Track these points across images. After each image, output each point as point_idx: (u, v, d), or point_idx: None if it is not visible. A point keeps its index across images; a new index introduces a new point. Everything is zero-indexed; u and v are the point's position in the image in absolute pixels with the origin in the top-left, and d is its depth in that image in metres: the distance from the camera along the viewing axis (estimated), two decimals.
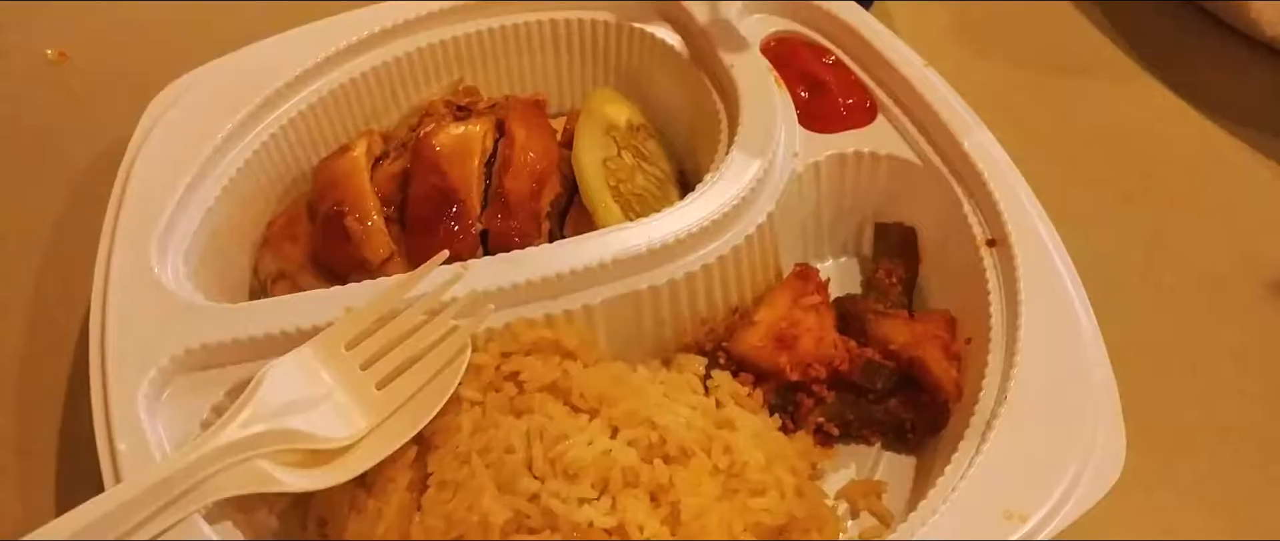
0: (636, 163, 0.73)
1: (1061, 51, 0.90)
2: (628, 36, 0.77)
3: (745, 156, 0.67)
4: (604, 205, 0.69)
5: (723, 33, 0.73)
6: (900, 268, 0.71)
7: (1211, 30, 0.91)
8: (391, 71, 0.75)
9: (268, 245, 0.70)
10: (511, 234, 0.67)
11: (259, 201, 0.72)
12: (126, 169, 0.68)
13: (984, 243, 0.65)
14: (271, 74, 0.71)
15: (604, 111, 0.74)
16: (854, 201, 0.72)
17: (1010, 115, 0.72)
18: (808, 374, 0.63)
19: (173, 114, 0.70)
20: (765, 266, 0.68)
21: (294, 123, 0.72)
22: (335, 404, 0.57)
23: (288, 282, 0.68)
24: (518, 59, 0.79)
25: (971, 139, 0.67)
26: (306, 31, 0.74)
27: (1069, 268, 0.63)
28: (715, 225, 0.64)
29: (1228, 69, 0.88)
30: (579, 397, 0.58)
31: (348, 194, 0.68)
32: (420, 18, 0.75)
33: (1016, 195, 0.65)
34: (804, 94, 0.72)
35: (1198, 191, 0.80)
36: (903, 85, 0.71)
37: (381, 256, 0.67)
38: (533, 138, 0.72)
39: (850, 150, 0.70)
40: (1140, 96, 0.86)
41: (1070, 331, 0.60)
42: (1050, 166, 0.72)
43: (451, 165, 0.69)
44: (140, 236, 0.64)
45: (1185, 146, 0.83)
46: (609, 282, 0.63)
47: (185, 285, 0.64)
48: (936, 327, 0.65)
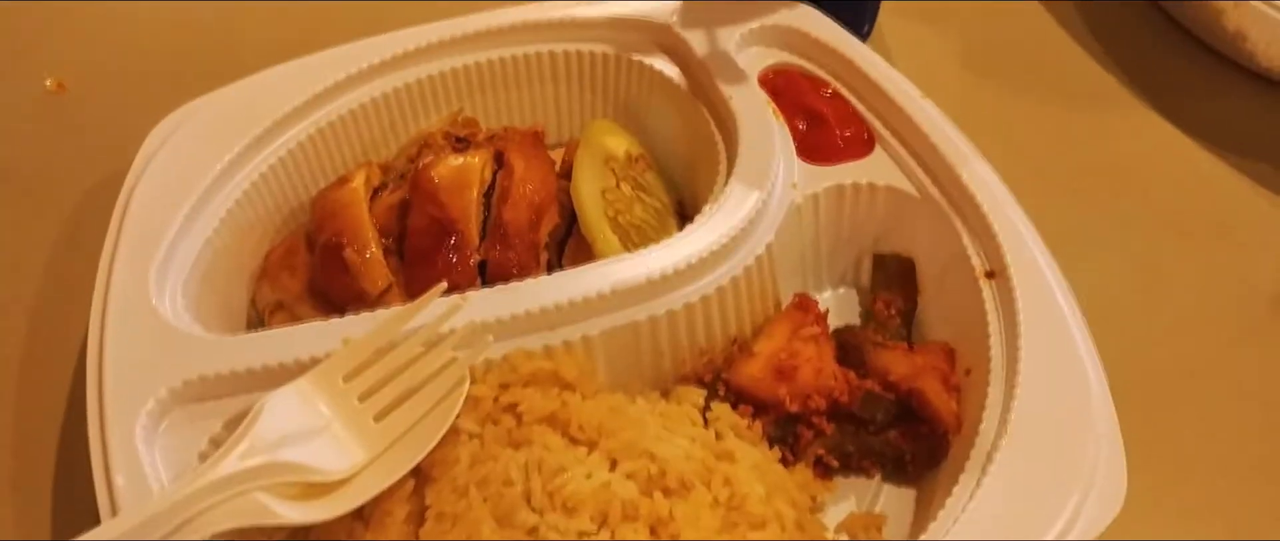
0: (635, 194, 0.73)
1: (1058, 82, 0.90)
2: (626, 68, 0.78)
3: (744, 187, 0.67)
4: (603, 236, 0.69)
5: (721, 65, 0.74)
6: (899, 299, 0.71)
7: (1207, 60, 0.91)
8: (390, 103, 0.75)
9: (266, 276, 0.70)
10: (510, 265, 0.67)
11: (257, 232, 0.72)
12: (124, 199, 0.68)
13: (983, 274, 0.65)
14: (270, 105, 0.72)
15: (602, 142, 0.74)
16: (852, 232, 0.72)
17: (1008, 146, 0.72)
18: (807, 405, 0.63)
19: (171, 145, 0.70)
20: (764, 297, 0.68)
21: (293, 154, 0.72)
22: (333, 436, 0.57)
23: (286, 313, 0.68)
24: (516, 90, 0.79)
25: (969, 170, 0.68)
26: (305, 63, 0.74)
27: (1068, 298, 0.63)
28: (714, 256, 0.64)
29: (1223, 98, 0.89)
30: (578, 429, 0.58)
31: (346, 225, 0.68)
32: (419, 49, 0.75)
33: (1015, 226, 0.65)
34: (802, 126, 0.72)
35: (1195, 220, 0.80)
36: (900, 117, 0.71)
37: (379, 287, 0.67)
38: (531, 169, 0.72)
39: (848, 182, 0.70)
40: (1137, 126, 0.87)
41: (1070, 362, 0.60)
42: (1048, 197, 0.72)
43: (450, 196, 0.69)
44: (138, 267, 0.64)
45: (1182, 175, 0.83)
46: (608, 314, 0.62)
47: (183, 316, 0.63)
48: (936, 359, 0.65)
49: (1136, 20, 0.95)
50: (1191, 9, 0.91)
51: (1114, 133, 0.86)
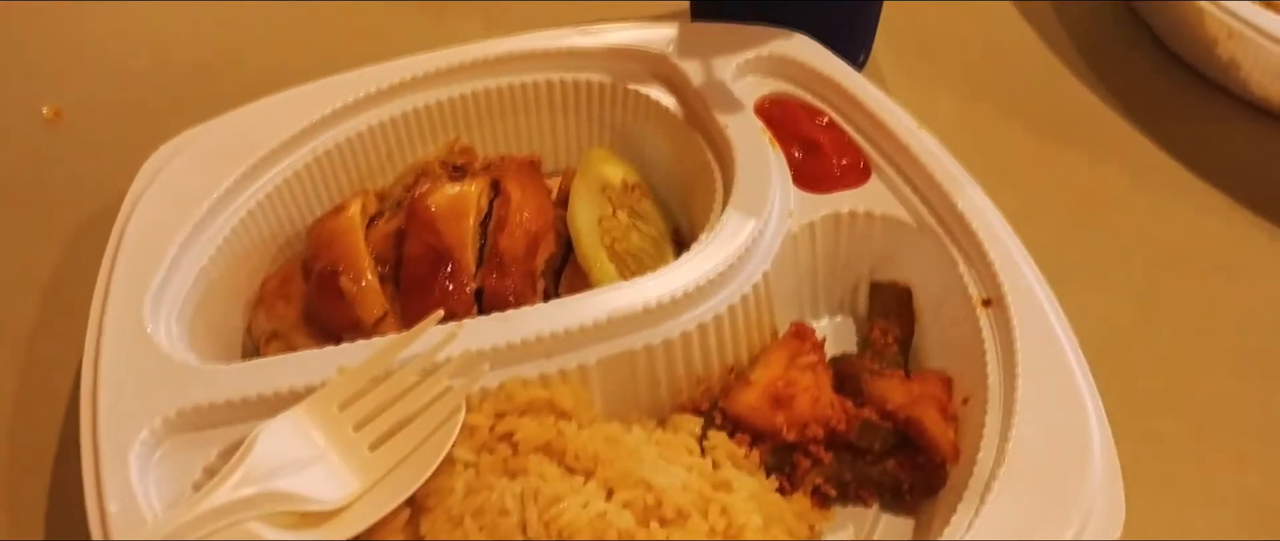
0: (632, 222, 0.73)
1: (1053, 111, 0.91)
2: (623, 97, 0.78)
3: (740, 216, 0.67)
4: (599, 264, 0.69)
5: (717, 94, 0.74)
6: (896, 327, 0.71)
7: (1202, 90, 0.91)
8: (387, 131, 0.76)
9: (261, 304, 0.70)
10: (506, 293, 0.67)
11: (253, 260, 0.72)
12: (120, 227, 0.68)
13: (979, 302, 0.65)
14: (267, 134, 0.72)
15: (599, 171, 0.75)
16: (849, 261, 0.72)
17: (1004, 175, 0.72)
18: (805, 434, 0.63)
19: (167, 173, 0.70)
20: (761, 325, 0.68)
21: (289, 182, 0.72)
22: (328, 465, 0.57)
23: (281, 342, 0.68)
24: (513, 119, 0.79)
25: (965, 199, 0.68)
26: (302, 92, 0.74)
27: (1065, 327, 0.63)
28: (711, 284, 0.64)
29: (1218, 128, 0.89)
30: (574, 458, 0.58)
31: (342, 253, 0.68)
32: (416, 78, 0.75)
33: (1011, 255, 0.65)
34: (798, 154, 0.72)
35: (1191, 249, 0.80)
36: (896, 146, 0.71)
37: (375, 316, 0.66)
38: (528, 197, 0.72)
39: (845, 210, 0.70)
40: (1133, 156, 0.87)
41: (1068, 391, 0.60)
42: (1044, 225, 0.72)
43: (446, 224, 0.69)
44: (133, 296, 0.64)
45: (1178, 205, 0.83)
46: (604, 342, 0.62)
47: (178, 345, 0.63)
48: (933, 388, 0.65)
49: (1132, 50, 0.95)
50: (1186, 39, 0.91)
51: (1110, 162, 0.86)
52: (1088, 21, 0.98)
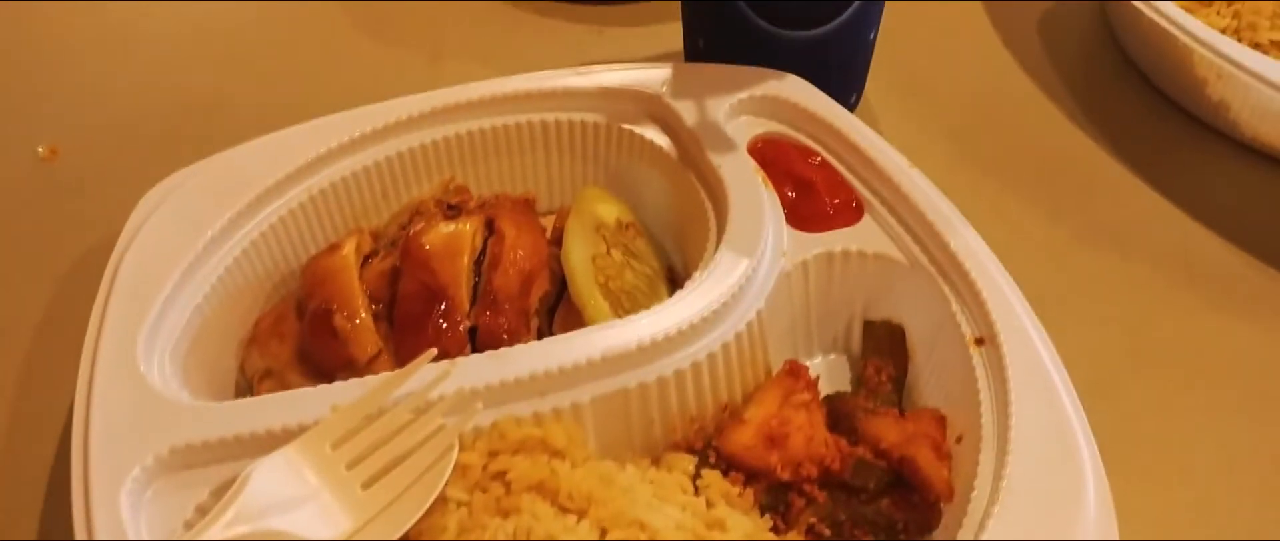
0: (626, 260, 0.73)
1: (1044, 150, 0.91)
2: (617, 137, 0.78)
3: (734, 255, 0.67)
4: (593, 302, 0.69)
5: (710, 134, 0.74)
6: (889, 365, 0.71)
7: (1192, 129, 0.92)
8: (382, 170, 0.76)
9: (255, 343, 0.70)
10: (500, 331, 0.67)
11: (247, 299, 0.72)
12: (114, 266, 0.68)
13: (972, 341, 0.65)
14: (262, 172, 0.72)
15: (593, 209, 0.75)
16: (842, 299, 0.72)
17: (995, 213, 0.73)
18: (799, 473, 0.63)
19: (162, 211, 0.70)
20: (755, 364, 0.68)
21: (283, 220, 0.73)
22: (320, 504, 0.56)
23: (274, 380, 0.68)
24: (508, 158, 0.79)
25: (957, 237, 0.68)
26: (297, 131, 0.75)
27: (1058, 366, 0.63)
28: (704, 322, 0.64)
29: (1208, 167, 0.89)
30: (567, 498, 0.58)
31: (336, 291, 0.68)
32: (412, 118, 0.76)
33: (1003, 293, 0.65)
34: (791, 194, 0.73)
35: (1182, 288, 0.80)
36: (888, 185, 0.72)
37: (368, 354, 0.66)
38: (522, 235, 0.72)
39: (838, 249, 0.71)
40: (1124, 195, 0.87)
41: (1061, 430, 0.60)
42: (1036, 264, 0.72)
43: (441, 263, 0.69)
44: (127, 334, 0.64)
45: (1168, 243, 0.83)
46: (598, 380, 0.62)
47: (171, 383, 0.63)
48: (927, 426, 0.65)
49: (1122, 89, 0.96)
50: (1176, 80, 0.92)
51: (1100, 201, 0.87)
52: (1078, 61, 0.99)
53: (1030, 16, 1.03)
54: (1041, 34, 1.02)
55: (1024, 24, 1.02)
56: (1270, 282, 0.81)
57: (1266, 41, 0.88)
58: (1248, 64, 0.82)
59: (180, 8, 1.06)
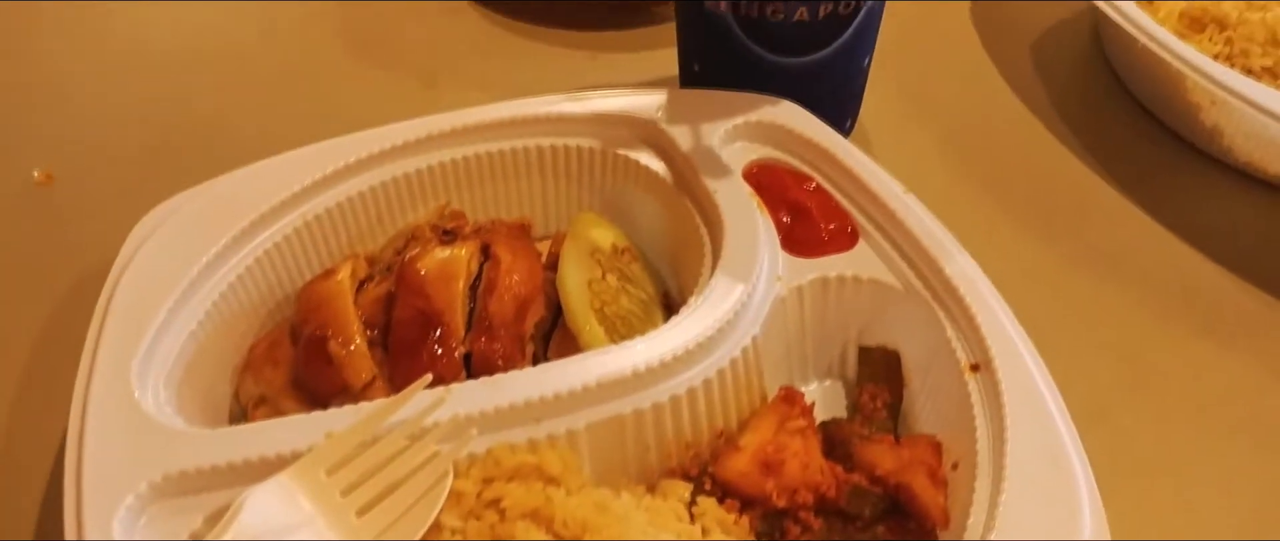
0: (621, 285, 0.73)
1: (1038, 176, 0.91)
2: (612, 162, 0.78)
3: (729, 280, 0.67)
4: (588, 327, 0.69)
5: (706, 159, 0.74)
6: (885, 391, 0.71)
7: (1187, 155, 0.92)
8: (377, 196, 0.76)
9: (249, 369, 0.70)
10: (495, 357, 0.67)
11: (242, 325, 0.72)
12: (109, 291, 0.67)
13: (968, 367, 0.65)
14: (257, 198, 0.72)
15: (589, 234, 0.75)
16: (837, 325, 0.72)
17: (989, 239, 0.73)
18: (794, 500, 0.63)
19: (157, 237, 0.70)
20: (750, 390, 0.68)
21: (278, 246, 0.73)
22: (315, 531, 0.56)
23: (269, 407, 0.68)
24: (504, 183, 0.79)
25: (952, 263, 0.68)
26: (293, 157, 0.75)
27: (1053, 392, 0.63)
28: (700, 348, 0.64)
29: (1203, 192, 0.90)
30: (562, 525, 0.57)
31: (330, 317, 0.68)
32: (408, 143, 0.76)
33: (998, 319, 0.65)
34: (786, 219, 0.73)
35: (1178, 313, 0.81)
36: (883, 211, 0.72)
37: (363, 380, 0.66)
38: (517, 260, 0.72)
39: (833, 274, 0.71)
40: (1119, 220, 0.87)
41: (1056, 456, 0.60)
42: (1031, 290, 0.72)
43: (436, 288, 0.69)
44: (121, 360, 0.63)
45: (1164, 269, 0.84)
46: (593, 406, 0.62)
47: (165, 409, 0.63)
48: (923, 453, 0.65)
49: (1116, 114, 0.96)
50: (1170, 106, 0.93)
51: (1095, 227, 0.87)
52: (1072, 87, 1.00)
53: (1024, 43, 1.04)
54: (1035, 60, 1.02)
55: (1018, 50, 1.03)
56: (1264, 307, 0.81)
57: (1258, 67, 0.88)
58: (1240, 90, 0.82)
59: (176, 33, 1.06)
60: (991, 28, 1.06)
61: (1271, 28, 0.88)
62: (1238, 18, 0.90)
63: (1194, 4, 0.92)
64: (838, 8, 0.78)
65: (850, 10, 0.78)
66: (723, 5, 0.78)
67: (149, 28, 1.07)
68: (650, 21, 1.05)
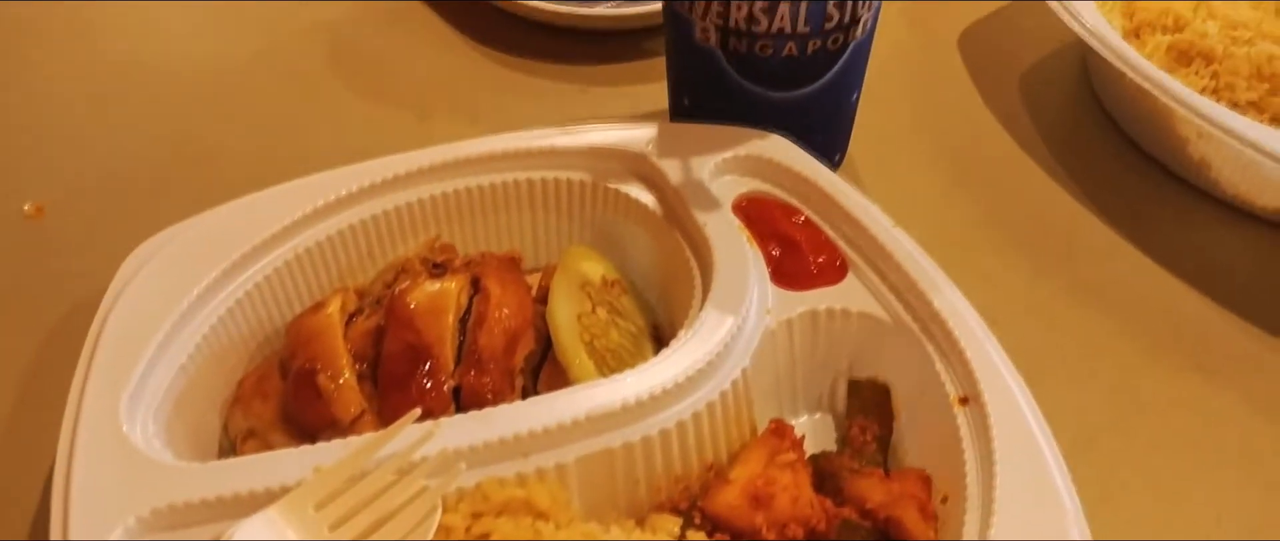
0: (611, 318, 0.73)
1: (1027, 209, 0.92)
2: (602, 195, 0.79)
3: (719, 313, 0.67)
4: (578, 361, 0.69)
5: (696, 192, 0.75)
6: (874, 425, 0.71)
7: (1175, 188, 0.93)
8: (368, 229, 0.76)
9: (238, 402, 0.70)
10: (484, 391, 0.67)
11: (232, 358, 0.72)
12: (99, 325, 0.67)
13: (956, 400, 0.65)
14: (248, 231, 0.72)
15: (579, 267, 0.75)
16: (827, 358, 0.73)
17: (977, 272, 0.73)
18: (784, 534, 0.63)
19: (148, 270, 0.70)
20: (740, 423, 0.68)
21: (269, 280, 0.73)
22: None
23: (258, 441, 0.68)
24: (494, 217, 0.80)
25: (940, 296, 0.68)
26: (284, 190, 0.75)
27: (1042, 425, 0.63)
28: (690, 381, 0.64)
29: (1191, 226, 0.90)
30: None
31: (320, 351, 0.68)
32: (398, 177, 0.76)
33: (987, 353, 0.66)
34: (776, 252, 0.73)
35: (1166, 347, 0.81)
36: (872, 244, 0.72)
37: (352, 414, 0.66)
38: (507, 294, 0.72)
39: (822, 307, 0.71)
40: (1107, 253, 0.88)
41: (1045, 489, 0.60)
42: (1019, 323, 0.73)
43: (425, 322, 0.69)
44: (111, 393, 0.63)
45: (1152, 302, 0.84)
46: (582, 440, 0.62)
47: (155, 443, 0.63)
48: (912, 486, 0.65)
49: (1103, 147, 0.97)
50: (1157, 139, 0.93)
51: (1083, 259, 0.87)
52: (1060, 120, 1.00)
53: (1012, 77, 1.05)
54: (1023, 94, 1.03)
55: (1006, 84, 1.04)
56: (1252, 340, 0.81)
57: (1244, 101, 0.89)
58: (1227, 123, 0.83)
59: (167, 65, 1.07)
60: (980, 62, 1.06)
61: (1257, 62, 0.89)
62: (1224, 52, 0.90)
63: (1180, 38, 0.93)
64: (826, 43, 0.78)
65: (838, 45, 0.79)
66: (712, 40, 0.79)
67: (140, 61, 1.07)
68: (640, 56, 1.06)
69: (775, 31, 0.77)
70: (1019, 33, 1.10)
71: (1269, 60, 0.89)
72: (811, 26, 0.77)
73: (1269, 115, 0.88)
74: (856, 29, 0.79)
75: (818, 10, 0.76)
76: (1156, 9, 0.96)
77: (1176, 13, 0.95)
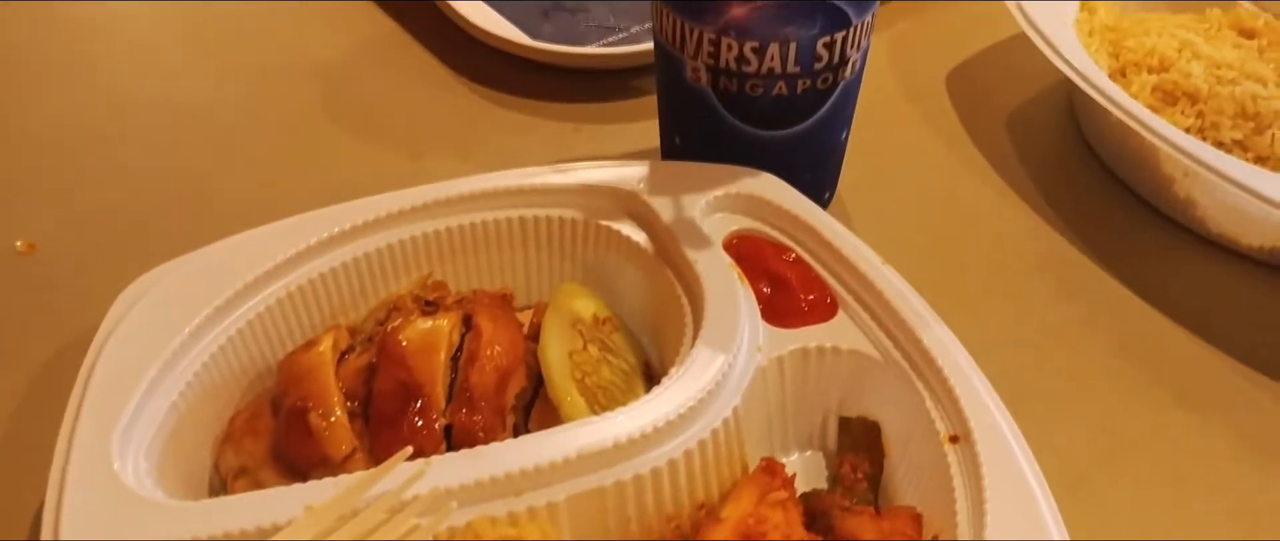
0: (602, 355, 0.73)
1: (1014, 247, 0.92)
2: (594, 233, 0.79)
3: (710, 350, 0.68)
4: (569, 399, 0.69)
5: (687, 230, 0.75)
6: (865, 462, 0.71)
7: (1161, 226, 0.94)
8: (360, 267, 0.76)
9: (229, 440, 0.70)
10: (476, 429, 0.67)
11: (223, 396, 0.72)
12: (91, 362, 0.67)
13: (947, 438, 0.65)
14: (240, 269, 0.72)
15: (570, 305, 0.75)
16: (817, 395, 0.73)
17: (966, 310, 0.73)
18: None
19: (140, 307, 0.70)
20: (731, 461, 0.68)
21: (261, 317, 0.73)
22: None
23: (249, 479, 0.67)
24: (486, 254, 0.80)
25: (930, 334, 0.69)
26: (276, 228, 0.75)
27: (1032, 462, 0.63)
28: (681, 419, 0.64)
29: (1177, 264, 0.91)
30: None
31: (312, 389, 0.68)
32: (390, 215, 0.76)
33: (976, 391, 0.66)
34: (766, 290, 0.73)
35: (1153, 383, 0.81)
36: (862, 281, 0.72)
37: (343, 452, 0.66)
38: (499, 331, 0.72)
39: (812, 345, 0.71)
40: (1095, 291, 0.88)
41: (1036, 528, 0.60)
42: (1008, 360, 0.73)
43: (417, 359, 0.69)
44: (102, 431, 0.63)
45: (1140, 340, 0.84)
46: (574, 478, 0.62)
47: (146, 481, 0.63)
48: (903, 524, 0.65)
49: (1090, 185, 0.98)
50: (1143, 176, 0.94)
51: (1071, 297, 0.88)
52: (1047, 158, 1.01)
53: (999, 116, 1.06)
54: (1010, 133, 1.04)
55: (993, 123, 1.05)
56: (1240, 378, 0.82)
57: (1229, 140, 0.90)
58: (1212, 163, 0.83)
59: (161, 102, 1.07)
60: (967, 101, 1.07)
61: (1241, 101, 0.90)
62: (1208, 92, 0.92)
63: (1166, 78, 0.94)
64: (816, 83, 0.79)
65: (828, 85, 0.80)
66: (703, 79, 0.80)
67: (134, 99, 1.08)
68: (632, 94, 1.06)
69: (765, 72, 0.78)
70: (1006, 72, 1.11)
71: (1253, 99, 0.90)
72: (801, 67, 0.78)
73: (1253, 154, 0.89)
74: (846, 69, 0.80)
75: (807, 51, 0.77)
76: (1142, 49, 0.97)
77: (1162, 53, 0.96)
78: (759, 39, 0.76)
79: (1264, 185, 0.81)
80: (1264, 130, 0.89)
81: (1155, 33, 0.98)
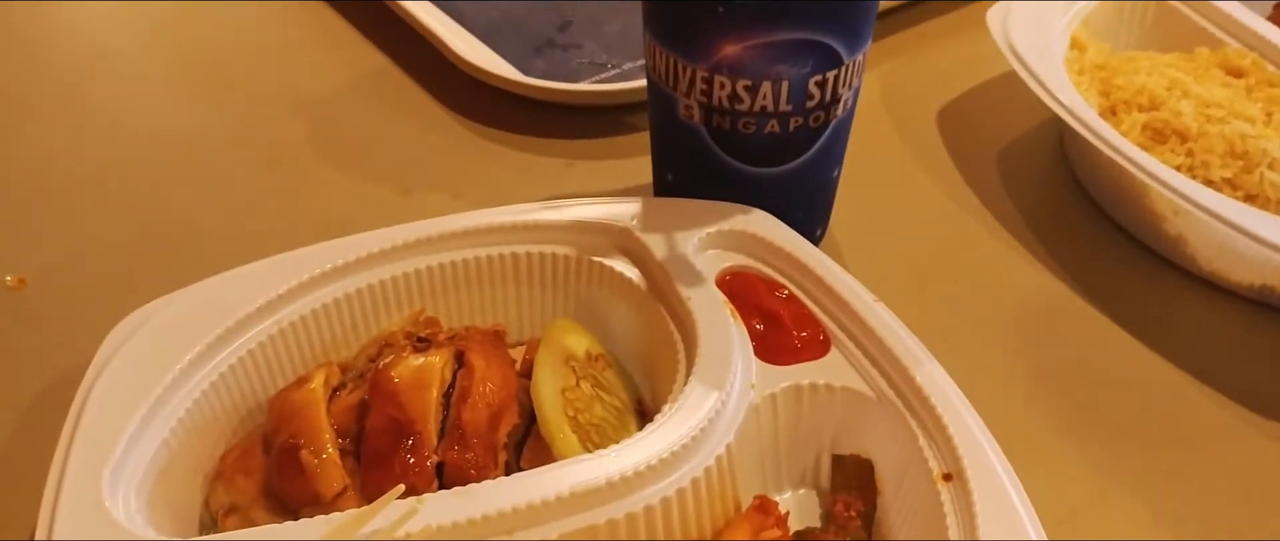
0: (595, 392, 0.73)
1: (1006, 285, 0.93)
2: (587, 269, 0.79)
3: (703, 388, 0.68)
4: (562, 436, 0.69)
5: (679, 267, 0.75)
6: (858, 500, 0.71)
7: (1152, 263, 0.94)
8: (352, 303, 0.76)
9: (220, 478, 0.69)
10: (468, 467, 0.67)
11: (214, 433, 0.71)
12: (82, 398, 0.67)
13: (940, 476, 0.65)
14: (232, 305, 0.72)
15: (563, 342, 0.75)
16: (810, 433, 0.73)
17: (958, 348, 0.74)
18: None
19: (131, 344, 0.70)
20: (724, 498, 0.68)
21: (252, 354, 0.72)
22: None
23: (239, 516, 0.67)
24: (479, 291, 0.80)
25: (923, 372, 0.69)
26: (268, 264, 0.75)
27: (1024, 501, 0.63)
28: (674, 457, 0.64)
29: (1168, 302, 0.91)
30: None
31: (303, 426, 0.68)
32: (382, 251, 0.76)
33: (970, 429, 0.66)
34: (759, 327, 0.74)
35: (1145, 421, 0.81)
36: (854, 319, 0.73)
37: (335, 490, 0.66)
38: (492, 368, 0.72)
39: (805, 382, 0.71)
40: (1087, 329, 0.89)
41: None
42: (1000, 398, 0.73)
43: (409, 397, 0.69)
44: (93, 468, 0.63)
45: (1132, 379, 0.85)
46: (566, 517, 0.62)
47: (136, 519, 0.62)
48: None
49: (1081, 223, 0.98)
50: (1134, 215, 0.94)
51: (1062, 335, 0.88)
52: (1037, 195, 1.02)
53: (990, 152, 1.06)
54: (1001, 170, 1.04)
55: (983, 161, 1.05)
56: (1231, 416, 0.82)
57: (1218, 179, 0.90)
58: (1202, 201, 0.84)
59: (152, 139, 1.07)
60: (958, 139, 1.08)
61: (1230, 140, 0.90)
62: (1198, 130, 0.92)
63: (1156, 116, 0.95)
64: (808, 121, 0.79)
65: (820, 123, 0.80)
66: (696, 117, 0.80)
67: (125, 136, 1.08)
68: (624, 131, 1.07)
69: (758, 110, 0.78)
70: (997, 110, 1.11)
71: (1242, 138, 0.90)
72: (794, 105, 0.78)
73: (1243, 192, 0.90)
74: (838, 107, 0.80)
75: (800, 89, 0.77)
76: (1132, 88, 0.98)
77: (1151, 92, 0.96)
78: (751, 77, 0.76)
79: (1254, 223, 0.82)
80: (1253, 168, 0.89)
81: (1145, 72, 0.99)
